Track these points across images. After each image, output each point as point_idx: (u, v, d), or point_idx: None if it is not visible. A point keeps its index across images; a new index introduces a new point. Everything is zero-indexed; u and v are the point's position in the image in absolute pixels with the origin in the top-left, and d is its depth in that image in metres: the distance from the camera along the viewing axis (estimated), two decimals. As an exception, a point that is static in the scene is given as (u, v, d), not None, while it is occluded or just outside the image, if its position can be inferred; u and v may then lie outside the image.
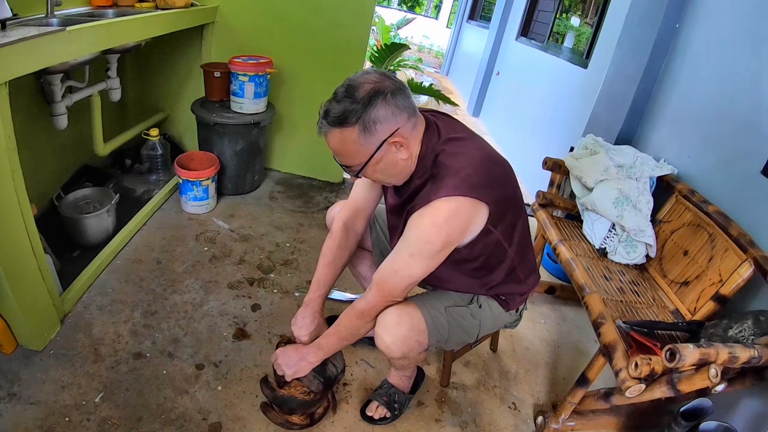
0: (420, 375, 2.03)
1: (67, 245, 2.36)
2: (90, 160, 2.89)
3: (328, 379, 1.72)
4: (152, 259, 2.46)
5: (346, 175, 3.78)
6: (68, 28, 1.69)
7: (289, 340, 1.85)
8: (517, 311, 1.72)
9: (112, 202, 2.46)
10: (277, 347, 1.84)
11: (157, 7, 2.63)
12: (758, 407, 1.75)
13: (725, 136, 2.20)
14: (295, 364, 1.61)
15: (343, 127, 1.26)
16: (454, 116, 1.56)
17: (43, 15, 2.05)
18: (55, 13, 2.09)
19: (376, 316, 1.50)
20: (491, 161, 1.38)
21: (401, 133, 1.30)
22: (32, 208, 1.73)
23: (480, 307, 1.61)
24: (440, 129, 1.41)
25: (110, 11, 2.47)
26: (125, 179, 3.10)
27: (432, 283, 1.60)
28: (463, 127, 1.49)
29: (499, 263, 1.53)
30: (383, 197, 1.69)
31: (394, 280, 1.41)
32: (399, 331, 1.47)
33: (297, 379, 1.64)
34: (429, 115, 1.46)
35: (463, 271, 1.54)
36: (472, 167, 1.31)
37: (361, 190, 1.72)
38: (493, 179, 1.35)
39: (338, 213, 1.78)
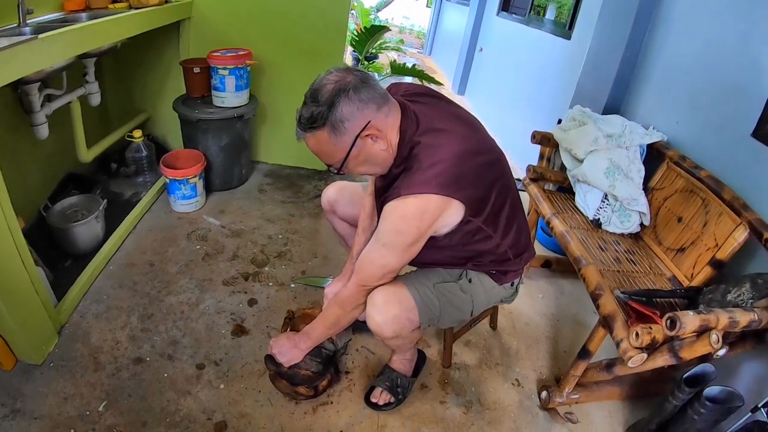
0: (421, 358, 2.03)
1: (58, 255, 2.33)
2: (75, 167, 2.86)
3: (325, 357, 1.80)
4: (145, 261, 2.44)
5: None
6: (40, 36, 1.65)
7: (293, 315, 1.94)
8: (512, 285, 1.72)
9: (100, 208, 2.43)
10: (284, 322, 1.95)
11: (130, 7, 2.58)
12: (760, 370, 1.77)
13: (714, 101, 2.19)
14: (288, 351, 1.71)
15: (314, 130, 1.29)
16: (440, 94, 1.54)
17: (15, 25, 2.00)
18: (28, 21, 2.04)
19: (358, 306, 1.56)
20: (469, 154, 1.36)
21: (374, 125, 1.31)
22: (19, 221, 1.70)
23: (470, 281, 1.61)
24: (419, 118, 1.40)
25: (83, 15, 2.41)
26: (112, 184, 3.06)
27: (418, 262, 1.60)
28: (447, 112, 1.47)
29: (484, 247, 1.53)
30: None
31: (369, 269, 1.47)
32: (389, 310, 1.49)
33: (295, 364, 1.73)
34: (407, 100, 1.45)
35: (447, 254, 1.55)
36: (446, 163, 1.31)
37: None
38: (468, 176, 1.35)
39: (368, 187, 1.80)
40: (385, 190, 1.43)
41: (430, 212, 1.32)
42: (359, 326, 2.03)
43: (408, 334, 1.61)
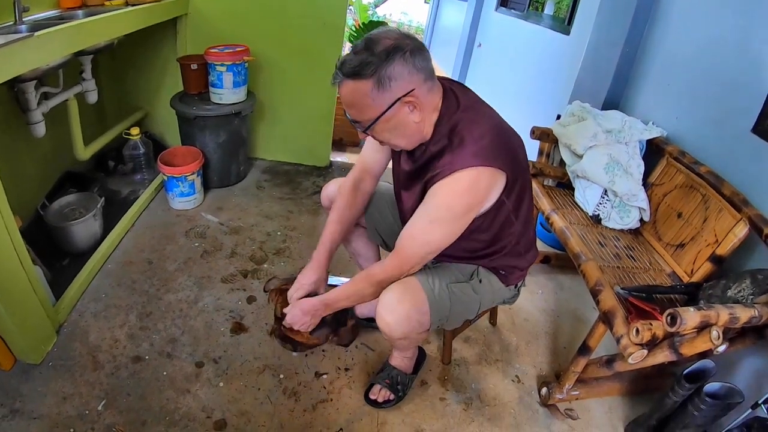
0: (421, 354, 2.03)
1: (56, 254, 2.32)
2: (72, 165, 2.84)
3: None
4: (143, 259, 2.44)
5: (334, 158, 3.76)
6: (36, 34, 1.64)
7: (281, 289, 1.80)
8: (515, 287, 1.72)
9: (98, 206, 2.42)
10: (271, 295, 1.81)
11: (127, 4, 2.56)
12: (759, 365, 1.77)
13: (713, 96, 2.19)
14: (307, 321, 1.61)
15: (358, 79, 1.24)
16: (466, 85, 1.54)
17: (12, 22, 1.98)
18: (24, 19, 2.03)
19: (386, 286, 1.48)
20: (507, 132, 1.39)
21: (416, 94, 1.28)
22: (16, 220, 1.70)
23: (480, 282, 1.60)
24: (459, 97, 1.39)
25: (80, 12, 2.39)
26: (109, 182, 3.05)
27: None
28: (477, 96, 1.48)
29: (506, 235, 1.52)
30: (392, 164, 1.67)
31: (412, 246, 1.40)
32: (401, 310, 1.45)
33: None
34: (446, 82, 1.44)
35: (470, 242, 1.52)
36: (491, 136, 1.31)
37: (369, 151, 1.71)
38: (509, 148, 1.36)
39: (349, 173, 1.76)
40: (424, 168, 1.41)
41: (482, 186, 1.31)
42: (358, 322, 2.02)
43: (416, 336, 1.60)
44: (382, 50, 1.22)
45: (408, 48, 1.24)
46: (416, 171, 1.46)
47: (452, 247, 1.45)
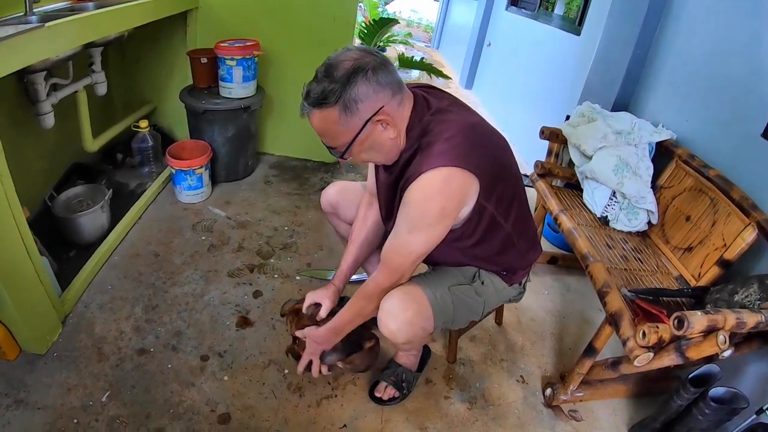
0: (426, 352, 2.03)
1: (62, 245, 2.33)
2: (80, 157, 2.85)
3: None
4: (150, 252, 2.44)
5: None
6: (47, 24, 1.64)
7: (297, 312, 1.80)
8: (520, 284, 1.70)
9: (106, 198, 2.43)
10: (289, 317, 1.81)
11: (138, -4, 2.57)
12: (765, 370, 1.76)
13: (724, 99, 2.17)
14: (324, 341, 1.64)
15: (323, 107, 1.22)
16: (445, 89, 1.52)
17: (22, 13, 1.99)
18: (35, 10, 2.04)
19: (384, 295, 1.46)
20: (481, 131, 1.34)
21: (386, 110, 1.25)
22: (24, 211, 1.70)
23: (483, 284, 1.58)
24: (429, 102, 1.37)
25: (91, 4, 2.39)
26: (117, 174, 3.06)
27: (431, 262, 1.57)
28: (454, 99, 1.44)
29: (497, 239, 1.49)
30: (374, 177, 1.64)
31: (397, 258, 1.38)
32: (404, 317, 1.43)
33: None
34: (419, 90, 1.41)
35: (462, 249, 1.51)
36: (461, 136, 1.27)
37: (371, 174, 1.69)
38: (483, 148, 1.31)
39: (362, 198, 1.76)
40: (399, 177, 1.38)
41: (454, 187, 1.25)
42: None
43: (420, 340, 1.59)
44: (343, 74, 1.19)
45: (369, 66, 1.21)
46: (393, 181, 1.43)
47: (443, 254, 1.45)
